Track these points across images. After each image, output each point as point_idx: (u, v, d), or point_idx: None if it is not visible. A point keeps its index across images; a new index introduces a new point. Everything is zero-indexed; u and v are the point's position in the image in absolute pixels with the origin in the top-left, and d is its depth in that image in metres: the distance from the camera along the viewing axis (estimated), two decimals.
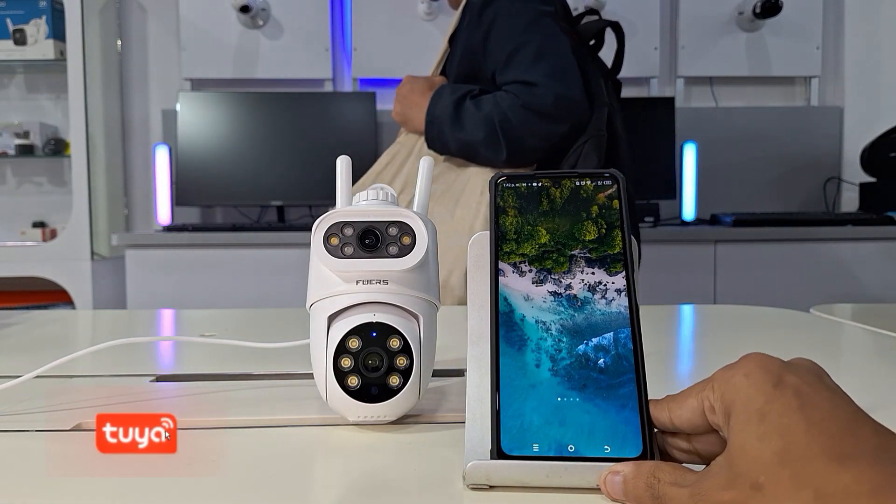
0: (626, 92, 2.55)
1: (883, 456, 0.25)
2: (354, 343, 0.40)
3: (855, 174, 2.53)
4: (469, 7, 1.16)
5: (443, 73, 1.25)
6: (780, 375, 0.29)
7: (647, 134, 2.39)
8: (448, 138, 1.12)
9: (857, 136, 2.54)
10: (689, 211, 2.41)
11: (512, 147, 1.08)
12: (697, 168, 2.42)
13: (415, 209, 0.45)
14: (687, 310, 1.04)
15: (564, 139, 1.10)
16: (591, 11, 2.42)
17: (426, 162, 0.48)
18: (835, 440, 0.26)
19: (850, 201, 2.59)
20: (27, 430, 0.42)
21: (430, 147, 1.16)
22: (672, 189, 2.38)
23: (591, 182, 0.39)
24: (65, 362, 0.48)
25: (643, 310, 0.38)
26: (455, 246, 1.08)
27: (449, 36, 1.25)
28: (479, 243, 0.39)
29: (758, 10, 2.42)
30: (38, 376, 0.46)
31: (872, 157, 2.37)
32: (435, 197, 1.15)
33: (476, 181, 1.14)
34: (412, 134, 1.22)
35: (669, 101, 2.42)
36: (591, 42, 1.23)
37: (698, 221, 2.41)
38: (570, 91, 1.07)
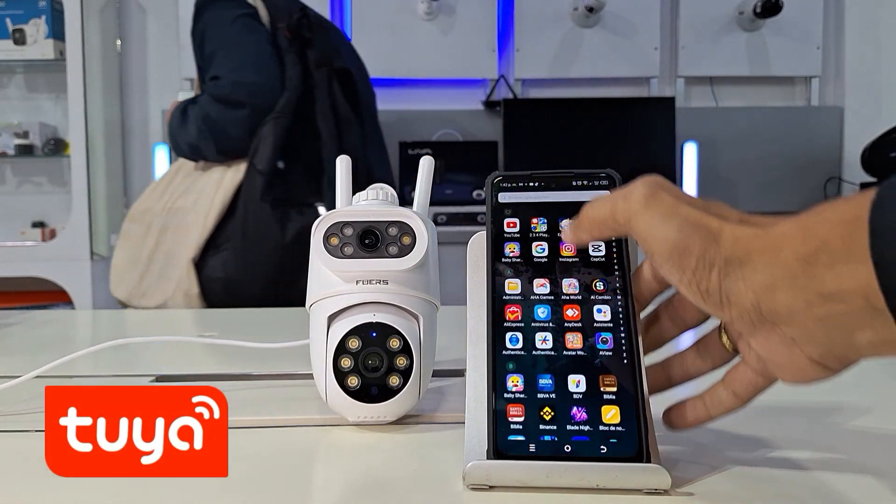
0: (626, 91, 2.58)
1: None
2: (354, 343, 0.40)
3: (855, 174, 2.53)
4: (192, 19, 1.31)
5: None
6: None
7: (647, 134, 2.39)
8: (181, 143, 1.25)
9: (858, 136, 2.54)
10: None
11: (218, 138, 1.19)
12: (698, 168, 2.42)
13: (415, 209, 0.45)
14: None
15: (254, 121, 1.20)
16: (591, 10, 2.41)
17: (426, 162, 0.48)
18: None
19: None
20: (27, 430, 0.42)
21: (176, 154, 1.28)
22: None
23: (587, 181, 0.39)
24: (65, 362, 0.48)
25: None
26: (186, 241, 1.20)
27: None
28: (478, 243, 0.39)
29: (758, 10, 2.42)
30: (38, 376, 0.46)
31: (873, 157, 2.37)
32: (182, 193, 1.26)
33: (211, 178, 1.23)
34: None
35: (670, 101, 2.42)
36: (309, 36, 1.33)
37: None
38: (245, 77, 1.20)
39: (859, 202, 0.26)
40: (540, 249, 0.37)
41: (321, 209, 1.25)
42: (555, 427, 0.33)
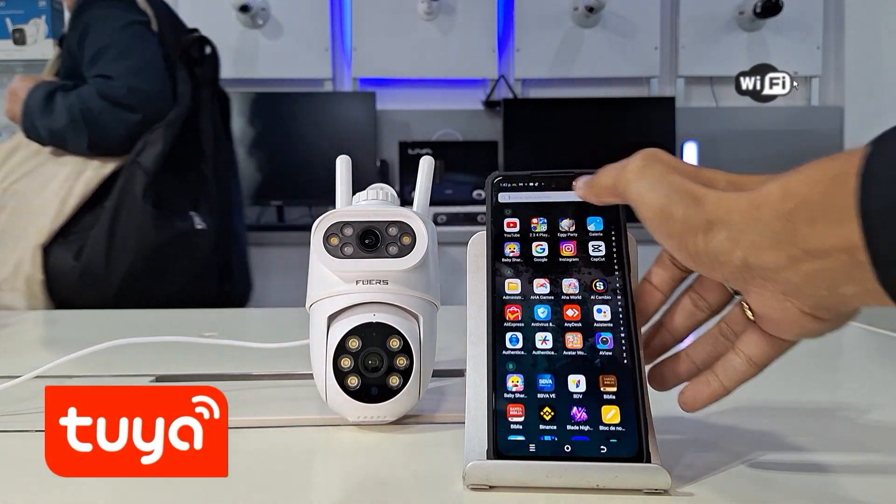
0: (627, 91, 2.58)
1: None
2: (354, 343, 0.40)
3: None
4: (74, 11, 1.31)
5: (58, 73, 1.36)
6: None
7: (647, 134, 2.39)
8: (39, 127, 1.23)
9: (858, 136, 2.54)
10: None
11: (94, 134, 1.20)
12: None
13: (415, 209, 0.45)
14: None
15: (142, 128, 1.23)
16: (591, 10, 2.41)
17: (426, 162, 0.48)
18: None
19: None
20: (27, 431, 0.42)
21: (27, 136, 1.27)
22: None
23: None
24: (65, 362, 0.48)
25: None
26: (31, 226, 1.20)
27: (59, 37, 1.39)
28: (478, 243, 0.39)
29: (758, 10, 2.42)
30: (38, 376, 0.46)
31: None
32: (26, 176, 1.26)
33: (64, 167, 1.24)
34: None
35: (670, 101, 2.42)
36: (198, 55, 1.39)
37: None
38: (143, 85, 1.22)
39: (844, 160, 0.27)
40: (540, 249, 0.37)
41: (196, 218, 1.28)
42: (555, 427, 0.33)
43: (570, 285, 0.36)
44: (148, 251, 1.20)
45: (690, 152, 2.41)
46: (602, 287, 0.36)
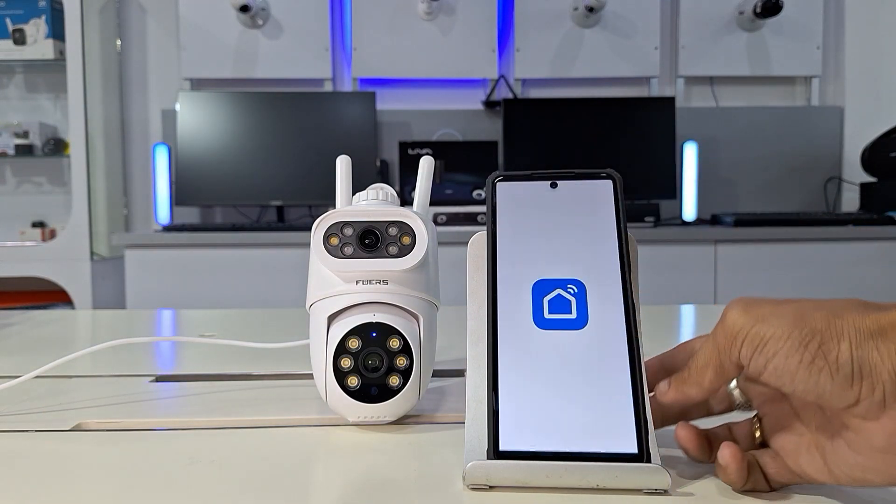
0: (627, 91, 2.58)
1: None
2: (354, 343, 0.40)
3: (855, 174, 2.53)
4: None
5: None
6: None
7: (647, 134, 2.39)
8: None
9: (858, 136, 2.54)
10: (689, 211, 2.41)
11: None
12: (698, 168, 2.42)
13: (415, 209, 0.45)
14: (687, 310, 1.03)
15: None
16: (591, 10, 2.41)
17: (426, 162, 0.48)
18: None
19: (850, 201, 2.59)
20: (27, 430, 0.42)
21: None
22: (672, 189, 2.38)
23: (588, 181, 0.39)
24: (65, 362, 0.48)
25: (643, 310, 0.38)
26: None
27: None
28: (478, 243, 0.39)
29: (758, 10, 2.42)
30: (38, 376, 0.46)
31: (873, 156, 2.37)
32: None
33: None
34: None
35: (670, 101, 2.42)
36: None
37: (699, 221, 2.41)
38: None
39: None
40: (539, 248, 0.37)
41: None
42: (554, 427, 0.33)
43: (568, 284, 0.36)
44: None
45: (690, 152, 2.41)
46: (601, 286, 0.36)
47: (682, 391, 0.33)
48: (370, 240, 0.42)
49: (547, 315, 0.36)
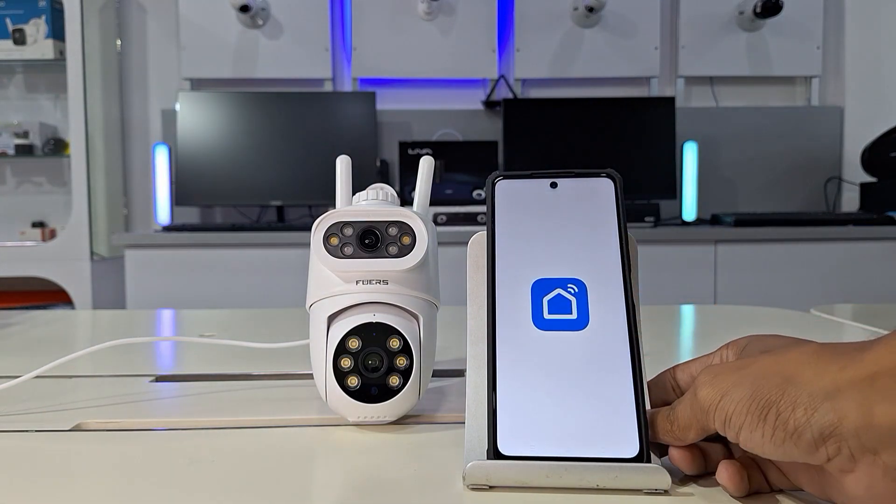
0: (626, 91, 2.58)
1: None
2: (354, 343, 0.40)
3: (855, 174, 2.53)
4: None
5: None
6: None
7: (647, 134, 2.39)
8: None
9: (858, 136, 2.54)
10: (689, 211, 2.41)
11: None
12: (698, 168, 2.43)
13: (415, 209, 0.45)
14: (687, 310, 1.03)
15: None
16: (591, 10, 2.41)
17: (426, 162, 0.48)
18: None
19: (850, 201, 2.59)
20: (27, 431, 0.42)
21: None
22: (672, 189, 2.38)
23: (588, 180, 0.39)
24: (65, 362, 0.48)
25: (643, 310, 0.38)
26: None
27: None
28: (478, 243, 0.39)
29: (758, 10, 2.42)
30: (38, 376, 0.46)
31: (873, 156, 2.37)
32: None
33: None
34: None
35: (670, 101, 2.42)
36: None
37: (699, 221, 2.41)
38: None
39: None
40: (538, 248, 0.37)
41: None
42: (554, 427, 0.33)
43: (568, 284, 0.36)
44: None
45: (690, 152, 2.42)
46: (601, 286, 0.36)
47: (665, 440, 0.33)
48: (370, 240, 0.42)
49: (547, 315, 0.36)
